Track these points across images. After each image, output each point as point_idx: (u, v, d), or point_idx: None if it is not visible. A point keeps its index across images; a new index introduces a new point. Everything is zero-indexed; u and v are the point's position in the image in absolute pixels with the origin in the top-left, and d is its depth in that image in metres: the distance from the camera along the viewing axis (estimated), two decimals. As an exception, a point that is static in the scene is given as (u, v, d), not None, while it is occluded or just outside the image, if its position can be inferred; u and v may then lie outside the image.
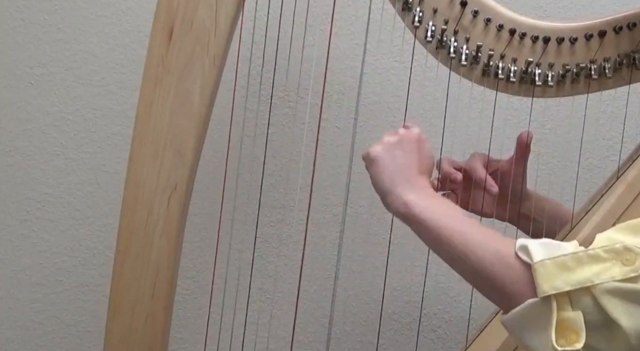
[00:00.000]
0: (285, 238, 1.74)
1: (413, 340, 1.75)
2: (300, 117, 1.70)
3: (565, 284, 0.92)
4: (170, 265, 1.26)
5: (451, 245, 1.03)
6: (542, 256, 0.94)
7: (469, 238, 1.02)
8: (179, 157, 1.25)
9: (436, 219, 1.06)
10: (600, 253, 0.93)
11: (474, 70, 1.28)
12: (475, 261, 1.00)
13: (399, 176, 1.13)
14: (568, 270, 0.93)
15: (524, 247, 0.97)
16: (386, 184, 1.14)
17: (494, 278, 0.98)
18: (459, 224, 1.05)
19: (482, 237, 1.02)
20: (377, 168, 1.16)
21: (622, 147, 1.36)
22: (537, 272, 0.94)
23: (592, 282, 0.91)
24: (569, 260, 0.93)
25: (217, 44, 1.24)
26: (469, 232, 1.03)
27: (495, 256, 0.99)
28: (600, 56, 1.26)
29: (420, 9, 1.26)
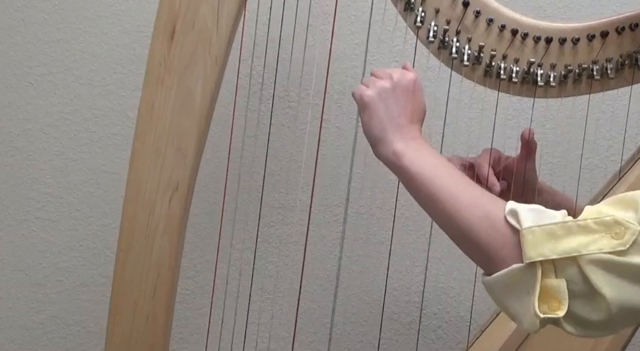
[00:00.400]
0: (286, 238, 1.74)
1: (413, 340, 1.75)
2: (302, 117, 1.70)
3: (552, 252, 0.91)
4: (171, 264, 1.26)
5: (438, 202, 1.02)
6: (531, 222, 0.93)
7: (457, 197, 1.01)
8: (180, 156, 1.25)
9: (425, 172, 1.04)
10: (590, 225, 0.92)
11: (475, 71, 1.28)
12: (462, 221, 0.99)
13: (390, 124, 1.11)
14: (556, 239, 0.92)
15: (513, 211, 0.96)
16: (377, 131, 1.11)
17: (481, 241, 0.98)
18: (448, 180, 1.03)
19: (472, 197, 1.01)
20: (369, 114, 1.13)
21: (624, 148, 1.37)
22: (524, 238, 0.93)
23: (579, 252, 0.91)
24: (558, 229, 0.92)
25: (219, 43, 1.24)
26: (458, 190, 1.02)
27: (484, 219, 0.98)
28: (603, 57, 1.26)
29: (423, 9, 1.26)
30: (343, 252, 1.69)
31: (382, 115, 1.12)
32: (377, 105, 1.13)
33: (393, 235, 1.67)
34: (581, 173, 1.40)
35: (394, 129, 1.11)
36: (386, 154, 1.10)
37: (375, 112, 1.13)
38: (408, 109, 1.13)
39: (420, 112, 1.16)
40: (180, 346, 1.77)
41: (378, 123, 1.12)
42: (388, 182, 1.67)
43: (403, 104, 1.13)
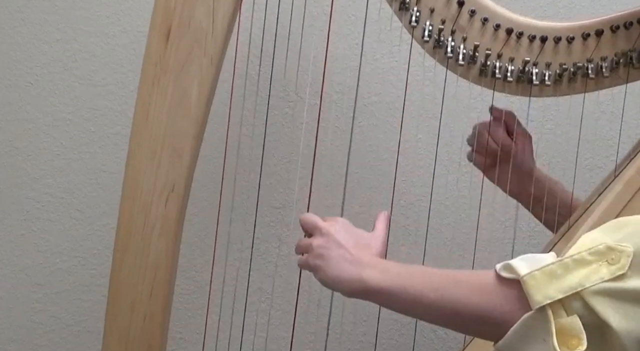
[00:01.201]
0: (284, 238, 1.74)
1: (412, 340, 1.75)
2: (299, 117, 1.70)
3: (557, 292, 0.91)
4: (168, 265, 1.26)
5: (422, 300, 1.01)
6: (527, 269, 0.93)
7: (438, 286, 1.01)
8: (176, 156, 1.25)
9: (397, 283, 1.04)
10: (585, 257, 0.92)
11: (471, 70, 1.28)
12: (454, 303, 0.99)
13: (342, 265, 1.11)
14: (557, 278, 0.92)
15: (506, 265, 0.96)
16: (334, 277, 1.11)
17: (476, 311, 0.97)
18: (421, 277, 1.03)
19: (451, 280, 1.01)
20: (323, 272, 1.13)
21: (620, 146, 1.36)
22: (527, 284, 0.92)
23: (583, 286, 0.90)
24: (556, 268, 0.92)
25: (215, 43, 1.24)
26: (434, 281, 1.02)
27: (473, 289, 0.98)
28: (597, 55, 1.26)
29: (417, 8, 1.26)
30: (341, 251, 1.68)
31: (330, 265, 1.12)
32: (320, 262, 1.14)
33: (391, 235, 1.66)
34: (578, 172, 1.39)
35: (347, 265, 1.10)
36: (353, 289, 1.09)
37: (324, 265, 1.13)
38: (351, 243, 1.13)
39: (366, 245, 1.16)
40: (178, 347, 1.77)
41: (331, 272, 1.12)
42: (386, 181, 1.67)
43: (344, 242, 1.13)
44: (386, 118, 1.71)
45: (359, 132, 1.43)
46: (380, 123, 1.71)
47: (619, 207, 1.23)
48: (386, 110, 1.71)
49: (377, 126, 1.71)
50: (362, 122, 1.71)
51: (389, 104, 1.71)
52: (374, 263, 1.09)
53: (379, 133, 1.72)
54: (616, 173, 1.29)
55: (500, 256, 1.59)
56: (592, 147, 1.63)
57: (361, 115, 1.70)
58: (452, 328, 1.04)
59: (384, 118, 1.71)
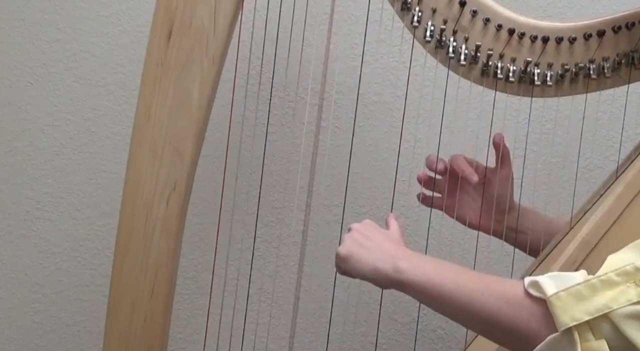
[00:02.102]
0: (284, 238, 1.74)
1: (413, 340, 1.75)
2: (300, 117, 1.70)
3: (584, 314, 0.90)
4: (169, 265, 1.26)
5: (452, 300, 1.02)
6: (555, 289, 0.92)
7: (468, 288, 1.01)
8: (178, 156, 1.25)
9: (431, 278, 1.04)
10: (612, 277, 0.91)
11: (472, 70, 1.28)
12: (483, 310, 0.99)
13: (376, 254, 1.12)
14: (584, 299, 0.91)
15: (533, 283, 0.95)
16: (369, 266, 1.11)
17: (504, 322, 0.97)
18: (453, 276, 1.03)
19: (483, 285, 1.01)
20: (353, 260, 1.14)
21: (622, 147, 1.36)
22: (553, 305, 0.92)
23: (610, 308, 0.90)
24: (583, 289, 0.91)
25: (216, 43, 1.24)
26: (466, 281, 1.02)
27: (501, 299, 0.98)
28: (599, 56, 1.26)
29: (419, 8, 1.26)
30: (342, 251, 1.68)
31: (364, 253, 1.13)
32: (354, 250, 1.14)
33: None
34: (579, 172, 1.40)
35: (382, 256, 1.11)
36: (387, 280, 1.09)
37: (357, 255, 1.13)
38: (380, 238, 1.15)
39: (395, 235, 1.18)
40: (179, 347, 1.77)
41: (365, 261, 1.12)
42: (386, 181, 1.67)
43: (373, 236, 1.15)
44: (387, 119, 1.71)
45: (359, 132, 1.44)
46: (380, 124, 1.71)
47: (620, 208, 1.23)
48: (387, 111, 1.71)
49: (378, 126, 1.72)
50: (362, 122, 1.71)
51: (390, 105, 1.71)
52: (410, 256, 1.10)
53: (379, 133, 1.72)
54: (617, 175, 1.29)
55: (500, 256, 1.59)
56: (593, 147, 1.63)
57: (362, 115, 1.70)
58: (478, 332, 1.05)
59: (384, 118, 1.71)
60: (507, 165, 1.38)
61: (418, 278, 1.05)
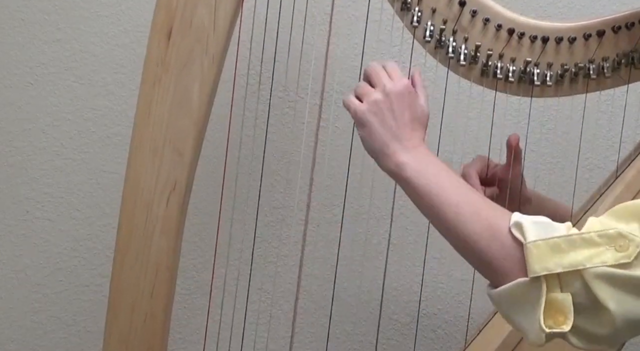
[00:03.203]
0: (284, 238, 1.74)
1: (412, 340, 1.75)
2: (300, 117, 1.70)
3: (557, 266, 0.92)
4: (169, 264, 1.26)
5: (441, 214, 1.02)
6: (535, 236, 0.94)
7: (460, 209, 1.01)
8: (178, 156, 1.25)
9: (428, 184, 1.05)
10: (594, 238, 0.93)
11: (472, 70, 1.28)
12: (465, 233, 1.00)
13: (390, 136, 1.10)
14: (560, 252, 0.92)
15: (518, 224, 0.96)
16: (378, 145, 1.11)
17: (484, 253, 0.98)
18: (451, 192, 1.04)
19: (474, 207, 1.02)
20: (368, 130, 1.12)
21: (621, 147, 1.36)
22: (529, 252, 0.93)
23: (583, 265, 0.91)
24: (562, 242, 0.93)
25: (216, 43, 1.24)
26: (461, 201, 1.02)
27: (487, 230, 0.98)
28: (599, 56, 1.26)
29: (419, 8, 1.25)
30: (341, 251, 1.68)
31: (380, 129, 1.11)
32: (373, 119, 1.12)
33: (391, 235, 1.67)
34: (579, 172, 1.40)
35: (394, 141, 1.10)
36: (389, 167, 1.10)
37: (373, 126, 1.12)
38: (406, 118, 1.12)
39: (421, 118, 1.15)
40: (179, 347, 1.77)
41: (377, 138, 1.11)
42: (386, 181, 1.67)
43: (399, 114, 1.12)
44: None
45: (359, 132, 1.43)
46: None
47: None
48: (387, 111, 1.71)
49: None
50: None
51: (390, 104, 1.71)
52: (419, 153, 1.09)
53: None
54: (617, 175, 1.29)
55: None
56: (593, 147, 1.63)
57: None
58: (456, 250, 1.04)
59: (384, 118, 1.71)
60: (519, 163, 1.38)
61: (416, 180, 1.06)
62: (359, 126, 1.14)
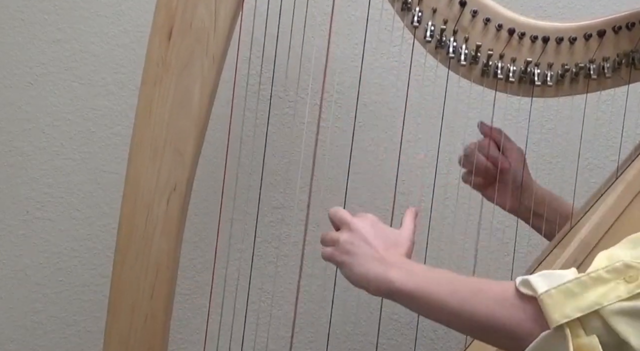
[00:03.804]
0: (284, 238, 1.74)
1: (413, 340, 1.75)
2: (300, 117, 1.70)
3: (575, 311, 0.91)
4: (169, 265, 1.26)
5: (443, 307, 1.02)
6: (545, 286, 0.93)
7: (459, 294, 1.01)
8: (178, 156, 1.25)
9: (419, 286, 1.05)
10: (602, 274, 0.92)
11: (473, 70, 1.28)
12: (472, 313, 0.99)
13: (369, 264, 1.12)
14: (575, 296, 0.92)
15: (525, 282, 0.96)
16: (362, 277, 1.12)
17: (497, 323, 0.97)
18: (445, 284, 1.04)
19: (472, 288, 1.01)
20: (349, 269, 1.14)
21: (622, 147, 1.36)
22: (544, 303, 0.93)
23: (600, 304, 0.90)
24: (573, 286, 0.92)
25: (217, 43, 1.24)
26: (457, 288, 1.02)
27: (493, 301, 0.98)
28: (599, 56, 1.26)
29: (420, 8, 1.26)
30: (342, 251, 1.68)
31: (356, 262, 1.13)
32: (346, 258, 1.14)
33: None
34: (579, 172, 1.40)
35: (376, 264, 1.11)
36: (379, 287, 1.09)
37: (350, 263, 1.14)
38: (379, 242, 1.14)
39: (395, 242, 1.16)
40: (179, 347, 1.77)
41: (359, 271, 1.12)
42: (386, 181, 1.67)
43: (373, 241, 1.14)
44: (387, 119, 1.71)
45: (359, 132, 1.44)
46: (381, 124, 1.71)
47: (620, 208, 1.23)
48: (387, 111, 1.71)
49: (378, 126, 1.72)
50: (363, 122, 1.71)
51: (390, 104, 1.71)
52: (401, 264, 1.10)
53: (379, 133, 1.72)
54: (617, 175, 1.29)
55: (501, 255, 1.60)
56: (593, 147, 1.63)
57: (362, 115, 1.70)
58: (473, 336, 1.05)
59: (384, 118, 1.71)
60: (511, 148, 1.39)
61: (407, 288, 1.05)
62: (340, 267, 1.17)
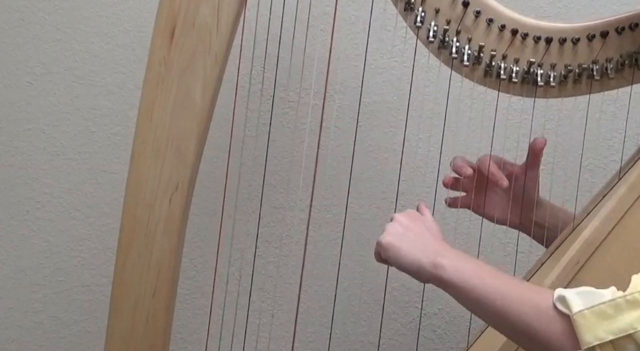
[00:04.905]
0: (286, 238, 1.74)
1: (413, 340, 1.75)
2: (302, 117, 1.70)
3: (607, 333, 0.91)
4: (171, 264, 1.26)
5: (488, 304, 1.03)
6: (580, 306, 0.94)
7: (505, 295, 1.02)
8: (180, 156, 1.25)
9: (468, 279, 1.05)
10: (638, 298, 0.92)
11: (475, 71, 1.28)
12: (514, 318, 1.00)
13: (419, 249, 1.12)
14: (608, 319, 0.92)
15: (561, 298, 0.96)
16: (409, 259, 1.12)
17: (536, 334, 0.98)
18: (492, 281, 1.04)
19: (518, 292, 1.02)
20: (395, 250, 1.14)
21: (624, 148, 1.36)
22: (577, 324, 0.93)
23: (635, 329, 0.91)
24: (607, 308, 0.93)
25: (219, 43, 1.23)
26: (504, 288, 1.03)
27: (535, 311, 0.98)
28: (602, 56, 1.26)
29: (422, 9, 1.25)
30: (343, 251, 1.69)
31: (406, 246, 1.13)
32: (397, 242, 1.14)
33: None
34: (581, 173, 1.40)
35: (426, 251, 1.12)
36: (428, 275, 1.10)
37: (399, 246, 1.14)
38: (426, 232, 1.15)
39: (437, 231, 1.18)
40: (180, 346, 1.77)
41: (406, 255, 1.13)
42: (388, 181, 1.67)
43: (419, 230, 1.15)
44: (389, 119, 1.71)
45: (361, 133, 1.44)
46: (382, 124, 1.71)
47: (622, 210, 1.23)
48: (389, 111, 1.71)
49: (380, 127, 1.71)
50: (364, 123, 1.71)
51: (392, 105, 1.71)
52: (451, 254, 1.10)
53: (381, 133, 1.72)
54: (620, 176, 1.29)
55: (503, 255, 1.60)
56: (595, 148, 1.63)
57: (364, 115, 1.70)
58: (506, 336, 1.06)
59: (386, 118, 1.71)
60: (537, 167, 1.38)
61: (457, 278, 1.06)
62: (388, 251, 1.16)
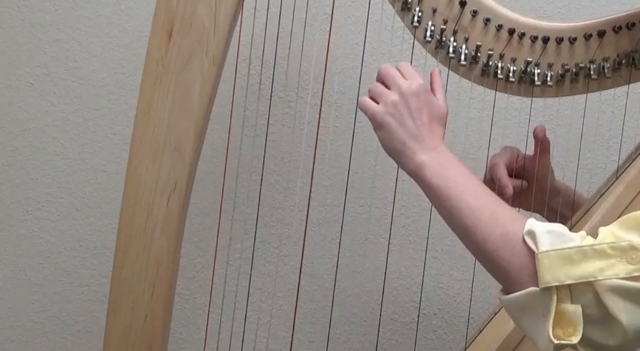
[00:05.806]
0: (284, 238, 1.74)
1: (413, 340, 1.75)
2: (300, 117, 1.70)
3: (568, 277, 0.92)
4: (169, 264, 1.26)
5: (459, 218, 1.02)
6: (547, 246, 0.94)
7: (477, 214, 1.01)
8: (178, 156, 1.25)
9: (447, 187, 1.04)
10: (605, 249, 0.92)
11: (473, 70, 1.28)
12: (481, 240, 1.00)
13: (408, 137, 1.09)
14: (572, 263, 0.92)
15: (531, 233, 0.96)
16: (397, 146, 1.10)
17: (499, 260, 0.98)
18: (470, 196, 1.03)
19: (491, 214, 1.01)
20: (386, 132, 1.12)
21: (622, 147, 1.36)
22: (540, 263, 0.93)
23: (595, 277, 0.91)
24: (573, 253, 0.93)
25: (217, 43, 1.24)
26: (478, 206, 1.02)
27: (502, 239, 0.98)
28: (600, 56, 1.26)
29: (420, 8, 1.25)
30: (342, 251, 1.69)
31: (398, 130, 1.11)
32: (390, 120, 1.11)
33: (392, 235, 1.67)
34: (580, 172, 1.39)
35: (413, 141, 1.10)
36: (409, 168, 1.09)
37: (391, 128, 1.11)
38: (424, 117, 1.11)
39: (440, 116, 1.14)
40: (179, 346, 1.77)
41: (396, 139, 1.11)
42: (387, 181, 1.67)
43: (417, 114, 1.11)
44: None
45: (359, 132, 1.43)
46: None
47: (620, 208, 1.23)
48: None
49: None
50: (363, 122, 1.70)
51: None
52: (437, 154, 1.08)
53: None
54: (618, 175, 1.29)
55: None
56: (593, 147, 1.63)
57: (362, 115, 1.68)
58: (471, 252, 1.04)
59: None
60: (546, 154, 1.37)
61: (435, 181, 1.05)
62: (377, 128, 1.14)
